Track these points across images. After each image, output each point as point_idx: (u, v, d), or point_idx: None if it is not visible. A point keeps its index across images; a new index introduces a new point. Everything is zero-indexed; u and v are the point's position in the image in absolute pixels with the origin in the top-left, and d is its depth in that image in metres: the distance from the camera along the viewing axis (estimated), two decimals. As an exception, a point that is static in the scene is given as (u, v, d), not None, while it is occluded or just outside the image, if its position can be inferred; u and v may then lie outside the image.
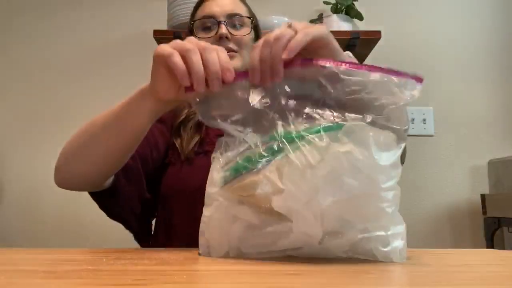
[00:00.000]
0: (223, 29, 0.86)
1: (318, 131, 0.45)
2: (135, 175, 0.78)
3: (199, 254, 0.52)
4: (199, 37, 0.88)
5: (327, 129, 0.45)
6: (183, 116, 0.90)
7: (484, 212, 1.67)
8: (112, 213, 0.80)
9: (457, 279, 0.38)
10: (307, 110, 0.49)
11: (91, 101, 1.77)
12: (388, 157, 0.46)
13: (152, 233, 0.88)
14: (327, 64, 0.51)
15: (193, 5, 0.97)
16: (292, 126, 0.48)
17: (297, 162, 0.44)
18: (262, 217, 0.46)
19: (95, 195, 0.76)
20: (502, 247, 1.72)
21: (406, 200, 1.78)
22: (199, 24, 0.90)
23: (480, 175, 1.81)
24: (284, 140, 0.46)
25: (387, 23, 1.82)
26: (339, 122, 0.47)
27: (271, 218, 0.45)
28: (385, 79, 0.49)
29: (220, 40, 0.86)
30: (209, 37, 0.87)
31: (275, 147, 0.46)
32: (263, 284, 0.34)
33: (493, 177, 1.71)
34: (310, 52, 0.55)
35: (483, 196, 1.69)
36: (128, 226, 0.84)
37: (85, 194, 0.76)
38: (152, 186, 0.85)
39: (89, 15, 1.92)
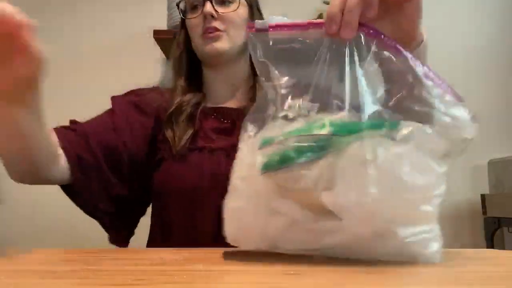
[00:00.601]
0: (207, 7, 0.80)
1: (380, 127, 0.42)
2: (95, 171, 0.74)
3: (227, 242, 0.49)
4: (187, 18, 0.85)
5: (386, 126, 0.42)
6: (174, 107, 0.82)
7: (484, 212, 1.67)
8: (85, 210, 0.77)
9: (457, 279, 0.38)
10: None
11: (90, 100, 1.76)
12: (443, 163, 0.45)
13: (143, 231, 0.86)
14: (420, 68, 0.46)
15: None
16: (347, 117, 0.44)
17: (351, 158, 0.41)
18: (306, 212, 0.43)
19: (65, 192, 0.74)
20: (502, 247, 1.72)
21: (406, 200, 1.78)
22: (187, 3, 0.85)
23: (480, 175, 1.81)
24: (340, 134, 0.42)
25: (387, 23, 1.82)
26: (400, 121, 0.43)
27: (316, 214, 0.42)
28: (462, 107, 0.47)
29: (205, 19, 0.81)
30: (195, 17, 0.83)
31: (330, 140, 0.42)
32: (263, 284, 0.34)
33: (493, 177, 1.71)
34: (393, 2, 0.49)
35: (483, 196, 1.69)
36: (102, 224, 0.81)
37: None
38: (142, 181, 0.81)
39: (89, 15, 1.93)
